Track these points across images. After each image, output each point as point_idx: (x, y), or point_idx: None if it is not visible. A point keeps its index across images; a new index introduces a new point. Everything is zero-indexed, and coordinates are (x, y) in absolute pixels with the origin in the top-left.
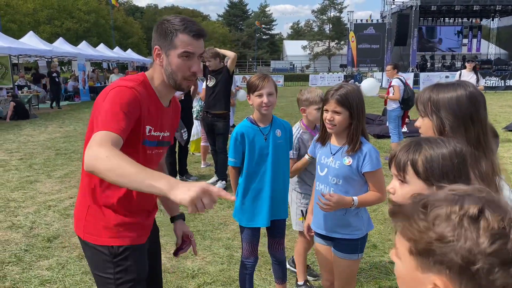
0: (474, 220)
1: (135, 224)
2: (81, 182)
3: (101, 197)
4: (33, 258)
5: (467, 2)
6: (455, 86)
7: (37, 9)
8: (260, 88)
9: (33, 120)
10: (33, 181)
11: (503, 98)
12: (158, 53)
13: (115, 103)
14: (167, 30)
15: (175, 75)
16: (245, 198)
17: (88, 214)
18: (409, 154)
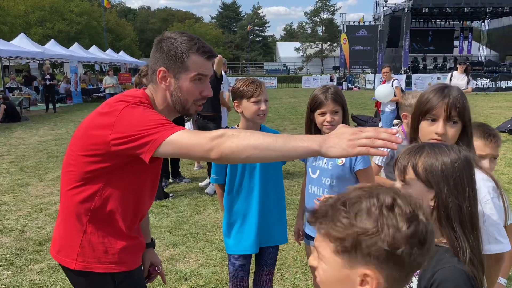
0: (391, 208)
1: (137, 245)
2: (65, 203)
3: (103, 217)
4: (24, 262)
5: (458, 4)
6: (453, 87)
7: (28, 11)
8: (258, 94)
9: (25, 123)
10: (24, 184)
11: (493, 100)
12: (164, 75)
13: (143, 115)
14: (177, 50)
15: (185, 100)
16: (231, 220)
17: (85, 239)
18: (410, 157)
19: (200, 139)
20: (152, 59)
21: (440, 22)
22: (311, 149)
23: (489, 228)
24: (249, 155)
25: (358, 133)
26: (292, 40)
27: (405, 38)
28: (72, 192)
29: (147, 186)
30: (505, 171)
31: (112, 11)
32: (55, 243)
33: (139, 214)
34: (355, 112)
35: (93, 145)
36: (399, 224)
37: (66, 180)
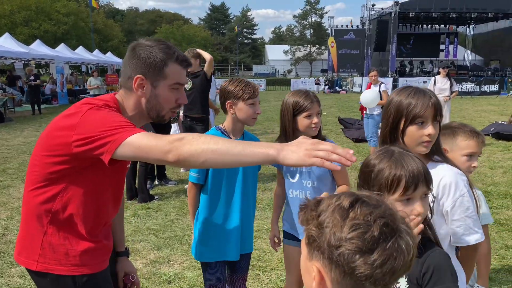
0: (345, 210)
1: (101, 249)
2: (27, 204)
3: (63, 219)
4: (4, 265)
5: (444, 9)
6: (426, 89)
7: (14, 11)
8: (256, 96)
9: (8, 124)
10: (7, 186)
11: (478, 103)
12: (141, 83)
13: (113, 118)
14: (156, 59)
15: (161, 107)
16: (209, 226)
17: (45, 241)
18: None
19: (159, 141)
20: (127, 66)
21: (427, 27)
22: (269, 155)
23: (467, 220)
24: (207, 159)
25: (316, 144)
26: (281, 43)
27: (392, 42)
28: (34, 192)
29: (109, 192)
30: (488, 174)
31: (100, 12)
32: (18, 244)
33: (101, 220)
34: (342, 115)
35: (56, 146)
36: (344, 227)
37: (29, 180)
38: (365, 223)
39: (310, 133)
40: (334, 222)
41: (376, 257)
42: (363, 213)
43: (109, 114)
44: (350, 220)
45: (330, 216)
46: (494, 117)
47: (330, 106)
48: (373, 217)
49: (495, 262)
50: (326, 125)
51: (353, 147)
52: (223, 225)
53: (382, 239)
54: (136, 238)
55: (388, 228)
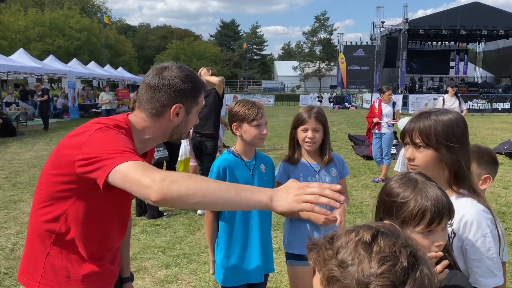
0: (368, 245)
1: (104, 273)
2: (32, 223)
3: (66, 241)
4: (12, 282)
5: (454, 27)
6: (444, 112)
7: (28, 27)
8: (260, 118)
9: (20, 138)
10: (17, 201)
11: (489, 121)
12: (178, 111)
13: (115, 141)
14: (195, 87)
15: (185, 131)
16: (230, 250)
17: (48, 262)
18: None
19: (145, 176)
20: (159, 92)
21: (436, 44)
22: (262, 202)
23: (487, 262)
24: (198, 201)
25: (304, 188)
26: (290, 59)
27: (402, 59)
28: (39, 212)
29: (113, 219)
30: (502, 194)
31: (112, 28)
32: (21, 263)
33: (105, 245)
34: (351, 131)
35: (62, 164)
36: (371, 262)
37: (36, 198)
38: (392, 255)
39: (304, 147)
40: (360, 258)
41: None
42: (387, 245)
43: (114, 137)
44: (376, 254)
45: (353, 252)
46: (506, 135)
47: (339, 122)
48: (398, 247)
49: (510, 285)
50: (336, 141)
51: (364, 165)
52: (245, 249)
53: (411, 269)
54: (145, 256)
55: (413, 257)
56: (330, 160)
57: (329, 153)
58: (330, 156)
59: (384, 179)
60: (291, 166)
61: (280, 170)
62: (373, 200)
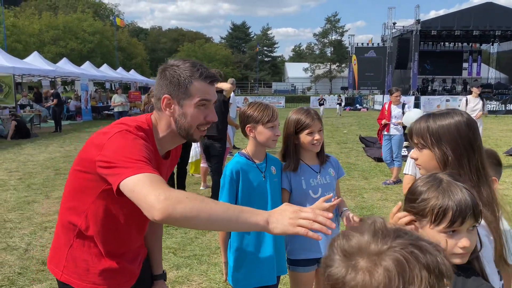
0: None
1: (122, 270)
2: (60, 215)
3: (87, 236)
4: (26, 281)
5: (467, 27)
6: (451, 113)
7: (42, 30)
8: (275, 119)
9: (34, 139)
10: (31, 202)
11: (503, 122)
12: (168, 102)
13: (130, 147)
14: (180, 78)
15: (190, 126)
16: (243, 253)
17: (70, 254)
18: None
19: (152, 193)
20: (157, 87)
21: (449, 45)
22: (259, 225)
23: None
24: (201, 222)
25: (298, 212)
26: (301, 61)
27: (414, 60)
28: (66, 205)
29: (131, 220)
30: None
31: (124, 31)
32: (50, 251)
33: (123, 245)
34: (363, 133)
35: (85, 161)
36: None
37: (64, 191)
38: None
39: (313, 149)
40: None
41: None
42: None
43: (132, 143)
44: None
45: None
46: None
47: (350, 124)
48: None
49: None
50: (347, 143)
51: (375, 167)
52: (258, 251)
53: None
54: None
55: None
56: (327, 159)
57: (324, 153)
58: (326, 155)
59: (395, 181)
60: (292, 173)
61: (284, 178)
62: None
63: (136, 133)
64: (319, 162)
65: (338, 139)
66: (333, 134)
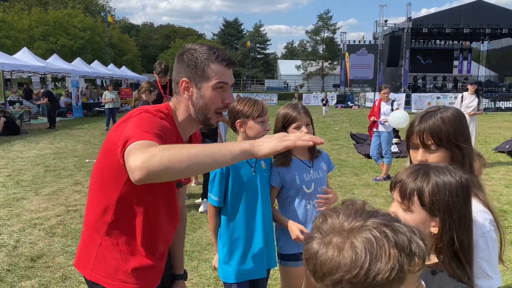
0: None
1: (152, 268)
2: (88, 212)
3: (118, 232)
4: (15, 278)
5: (457, 25)
6: (445, 109)
7: (32, 26)
8: (265, 114)
9: (24, 136)
10: (20, 198)
11: (493, 120)
12: (187, 86)
13: (144, 123)
14: (197, 60)
15: (207, 109)
16: (233, 246)
17: (99, 252)
18: (416, 183)
19: (133, 156)
20: (175, 71)
21: (440, 42)
22: (245, 150)
23: (482, 262)
24: (187, 166)
25: (287, 135)
26: (293, 58)
27: (405, 58)
28: (93, 202)
29: (160, 207)
30: (504, 192)
31: (115, 27)
32: (78, 252)
33: (157, 236)
34: (354, 130)
35: (109, 152)
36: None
37: (91, 188)
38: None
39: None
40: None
41: None
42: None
43: (145, 119)
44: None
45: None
46: (509, 134)
47: (342, 121)
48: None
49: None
50: (338, 140)
51: (366, 163)
52: (247, 244)
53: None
54: None
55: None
56: (319, 154)
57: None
58: (317, 150)
59: (385, 178)
60: (283, 168)
61: (273, 175)
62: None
63: (153, 113)
64: (310, 156)
65: (329, 136)
66: (324, 131)
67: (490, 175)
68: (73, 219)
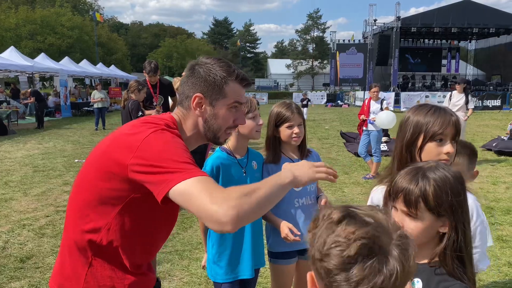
0: (333, 225)
1: (147, 282)
2: (69, 231)
3: (109, 251)
4: (4, 279)
5: (445, 25)
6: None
7: (19, 24)
8: (255, 109)
9: (12, 136)
10: (8, 199)
11: (480, 118)
12: (200, 102)
13: (172, 148)
14: (216, 77)
15: (219, 127)
16: (222, 247)
17: (90, 273)
18: (419, 188)
19: (212, 203)
20: (186, 85)
21: (429, 42)
22: (292, 181)
23: (484, 247)
24: (260, 214)
25: (314, 164)
26: (283, 57)
27: (394, 57)
28: (79, 221)
29: (162, 223)
30: (490, 189)
31: (104, 26)
32: (56, 275)
33: (151, 253)
34: (344, 129)
35: (110, 167)
36: (325, 242)
37: (73, 205)
38: (345, 242)
39: (291, 142)
40: (322, 236)
41: (352, 275)
42: (347, 231)
43: (172, 143)
44: (334, 237)
45: (320, 228)
46: (496, 132)
47: (332, 120)
48: (354, 236)
49: (498, 279)
50: (328, 139)
51: (355, 161)
52: (235, 244)
53: (360, 259)
54: None
55: (366, 249)
56: (309, 153)
57: (306, 146)
58: (308, 149)
59: (375, 176)
60: (273, 166)
61: (263, 172)
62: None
63: (172, 131)
64: (300, 155)
65: (319, 135)
66: (315, 130)
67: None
68: (62, 220)
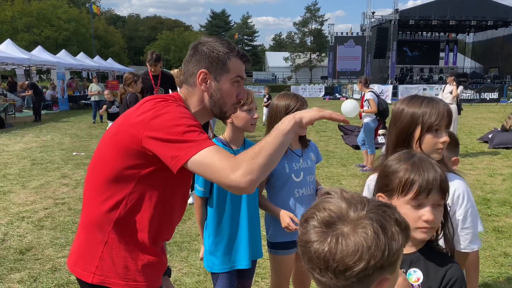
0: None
1: (160, 264)
2: (87, 210)
3: (126, 228)
4: (4, 271)
5: (443, 17)
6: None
7: (15, 17)
8: (250, 102)
9: (9, 129)
10: (7, 192)
11: (478, 111)
12: (205, 77)
13: (177, 114)
14: (219, 53)
15: (223, 102)
16: (218, 237)
17: (105, 251)
18: (439, 174)
19: (230, 170)
20: (190, 63)
21: (427, 34)
22: (295, 123)
23: (475, 228)
24: (272, 166)
25: (321, 109)
26: (281, 50)
27: (392, 49)
28: (96, 198)
29: (176, 197)
30: (487, 181)
31: (101, 18)
32: (73, 253)
33: (166, 228)
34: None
35: (126, 143)
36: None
37: (90, 186)
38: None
39: (302, 132)
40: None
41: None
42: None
43: (179, 112)
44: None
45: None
46: (493, 125)
47: None
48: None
49: (493, 270)
50: (326, 131)
51: (353, 154)
52: (232, 235)
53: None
54: None
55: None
56: (308, 144)
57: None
58: (307, 140)
59: (371, 168)
60: None
61: None
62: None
63: (179, 104)
64: (301, 146)
65: (317, 128)
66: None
67: (474, 164)
68: (61, 212)
